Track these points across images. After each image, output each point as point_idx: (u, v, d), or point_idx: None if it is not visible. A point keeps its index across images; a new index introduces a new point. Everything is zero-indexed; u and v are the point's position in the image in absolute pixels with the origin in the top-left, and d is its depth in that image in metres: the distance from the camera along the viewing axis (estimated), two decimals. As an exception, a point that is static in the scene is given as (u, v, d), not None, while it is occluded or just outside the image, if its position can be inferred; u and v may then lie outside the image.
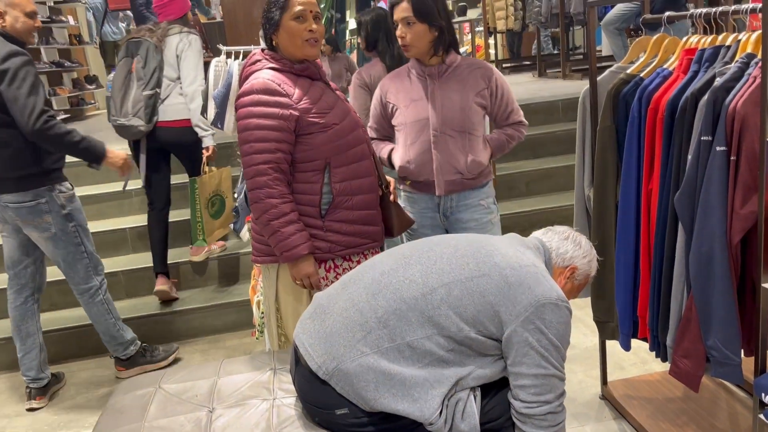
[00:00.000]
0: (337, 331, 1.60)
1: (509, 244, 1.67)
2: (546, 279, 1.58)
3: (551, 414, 1.55)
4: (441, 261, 1.61)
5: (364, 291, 1.63)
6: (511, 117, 2.42)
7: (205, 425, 1.73)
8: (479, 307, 1.54)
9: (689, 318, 1.88)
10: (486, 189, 2.44)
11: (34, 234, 2.81)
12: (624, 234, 2.13)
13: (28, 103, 2.58)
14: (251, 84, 2.03)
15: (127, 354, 3.13)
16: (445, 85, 2.33)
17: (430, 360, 1.55)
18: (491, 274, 1.56)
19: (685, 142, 1.86)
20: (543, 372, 1.54)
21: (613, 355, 2.88)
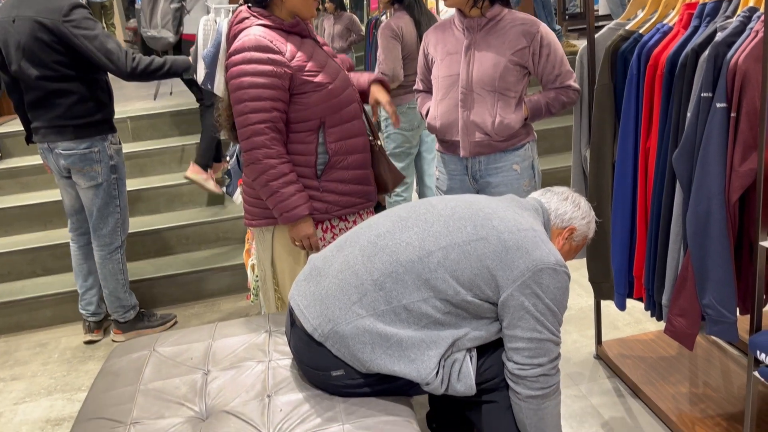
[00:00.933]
0: (332, 293, 1.59)
1: (507, 207, 1.65)
2: (544, 243, 1.57)
3: (544, 376, 1.56)
4: (438, 223, 1.59)
5: (359, 253, 1.61)
6: (558, 80, 2.22)
7: (200, 387, 1.73)
8: (476, 271, 1.53)
9: (685, 277, 1.87)
10: (521, 152, 2.26)
11: (81, 181, 2.92)
12: (621, 194, 2.11)
13: (113, 51, 2.73)
14: (242, 41, 1.96)
15: (126, 318, 3.16)
16: (482, 40, 2.18)
17: (427, 322, 1.54)
18: (489, 237, 1.55)
19: (684, 99, 1.83)
20: (537, 336, 1.54)
21: (607, 315, 2.90)
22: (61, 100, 2.80)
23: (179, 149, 4.22)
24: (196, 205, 4.01)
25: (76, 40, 2.70)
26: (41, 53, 2.72)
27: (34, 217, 3.83)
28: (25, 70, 2.77)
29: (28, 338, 3.34)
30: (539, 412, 1.59)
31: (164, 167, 4.21)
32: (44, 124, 2.84)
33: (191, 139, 4.29)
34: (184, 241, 3.79)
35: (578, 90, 2.27)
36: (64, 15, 2.68)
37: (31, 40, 2.71)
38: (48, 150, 2.89)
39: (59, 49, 2.72)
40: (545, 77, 2.24)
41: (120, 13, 8.81)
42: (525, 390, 1.57)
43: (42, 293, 3.43)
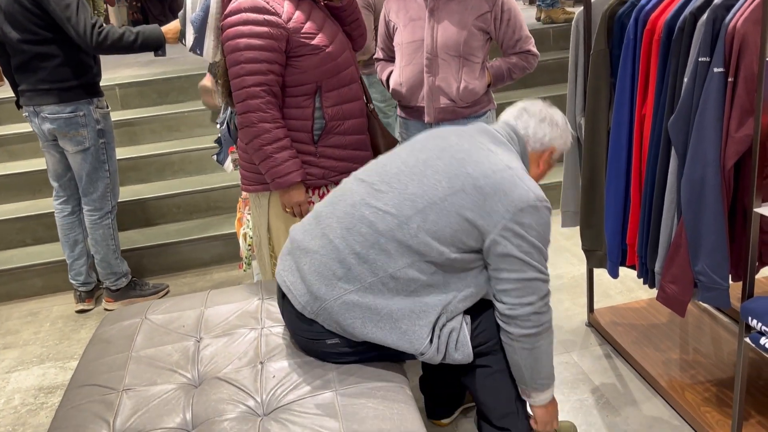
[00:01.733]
0: (316, 269, 1.56)
1: (480, 145, 1.60)
2: (522, 180, 1.53)
3: (535, 314, 1.55)
4: (412, 184, 1.54)
5: (338, 225, 1.57)
6: (518, 45, 2.28)
7: (192, 354, 1.73)
8: (456, 226, 1.50)
9: (679, 244, 1.87)
10: (482, 119, 2.32)
11: (68, 146, 2.89)
12: (615, 161, 2.10)
13: (79, 21, 2.67)
14: (238, 2, 1.92)
15: (118, 285, 3.15)
16: (445, 5, 2.20)
17: (416, 287, 1.53)
18: (465, 188, 1.51)
19: (681, 65, 1.80)
20: (524, 276, 1.52)
21: (600, 284, 2.91)
22: (44, 63, 2.76)
23: (169, 117, 4.16)
24: (187, 173, 3.97)
25: (48, 6, 2.67)
26: (20, 16, 2.70)
27: (22, 186, 3.79)
28: (7, 34, 2.74)
29: (19, 307, 3.32)
30: (533, 351, 1.59)
31: (154, 135, 4.15)
32: (29, 87, 2.81)
33: (181, 107, 4.24)
34: (175, 210, 3.76)
35: (537, 55, 2.34)
36: None
37: (11, 3, 2.69)
38: (34, 113, 2.86)
39: (37, 12, 2.69)
40: (506, 42, 2.28)
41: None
42: (517, 329, 1.56)
43: (32, 262, 3.40)
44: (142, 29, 2.83)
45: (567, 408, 2.18)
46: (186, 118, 4.17)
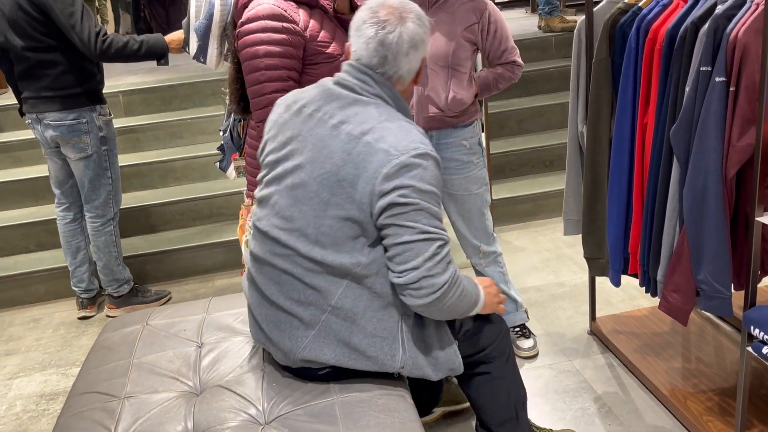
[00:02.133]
0: (274, 325, 1.56)
1: (340, 126, 1.46)
2: (378, 141, 1.40)
3: (425, 278, 1.41)
4: (297, 217, 1.48)
5: (268, 282, 1.55)
6: (504, 56, 2.31)
7: (194, 361, 1.73)
8: (349, 232, 1.44)
9: (681, 253, 1.87)
10: (470, 129, 2.35)
11: (71, 153, 2.90)
12: (617, 170, 2.10)
13: (84, 29, 2.69)
14: (256, 11, 1.94)
15: (120, 292, 3.15)
16: (433, 16, 2.22)
17: (365, 305, 1.49)
18: (333, 191, 1.43)
19: (683, 73, 1.81)
20: (400, 240, 1.41)
21: (602, 292, 2.90)
22: (47, 71, 2.78)
23: (172, 124, 4.17)
24: (190, 180, 3.98)
25: (52, 13, 2.69)
26: (25, 24, 2.71)
27: (27, 192, 3.80)
28: (11, 41, 2.75)
29: (21, 313, 3.33)
30: (443, 310, 1.49)
31: (157, 142, 4.17)
32: (32, 95, 2.83)
33: (184, 114, 4.25)
34: (178, 216, 3.77)
35: (522, 65, 2.37)
36: None
37: (15, 11, 2.70)
38: (36, 120, 2.87)
39: (41, 19, 2.71)
40: (492, 53, 2.31)
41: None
42: (413, 299, 1.45)
43: (35, 269, 3.41)
44: (146, 38, 2.85)
45: (569, 417, 2.18)
46: (189, 125, 4.19)
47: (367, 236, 1.46)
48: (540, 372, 2.43)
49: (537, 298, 2.98)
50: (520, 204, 3.83)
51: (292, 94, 1.61)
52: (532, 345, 2.53)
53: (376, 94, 1.50)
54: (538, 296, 3.00)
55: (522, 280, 3.15)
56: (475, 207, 2.40)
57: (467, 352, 1.67)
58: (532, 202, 3.87)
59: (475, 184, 2.38)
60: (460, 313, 1.56)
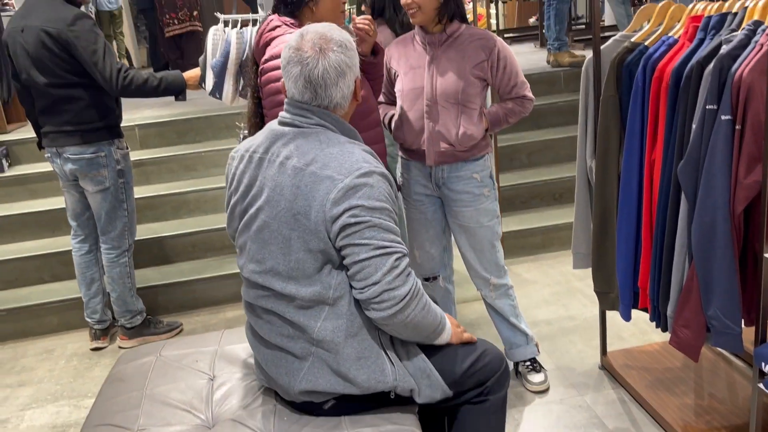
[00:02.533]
0: (272, 362, 1.61)
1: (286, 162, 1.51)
2: (323, 170, 1.46)
3: (386, 292, 1.44)
4: (268, 259, 1.54)
5: (262, 324, 1.62)
6: (514, 91, 2.34)
7: (206, 394, 1.74)
8: (314, 263, 1.49)
9: (690, 288, 1.87)
10: (480, 162, 2.38)
11: (89, 186, 2.96)
12: (626, 205, 2.12)
13: (106, 66, 2.77)
14: (280, 48, 2.04)
15: (133, 323, 3.18)
16: (443, 54, 2.29)
17: (344, 333, 1.53)
18: (292, 226, 1.48)
19: (689, 111, 1.84)
20: (358, 258, 1.45)
21: (612, 326, 2.89)
22: (69, 106, 2.85)
23: (186, 157, 4.24)
24: (202, 212, 4.03)
25: (76, 50, 2.77)
26: (48, 61, 2.79)
27: (42, 224, 3.86)
28: (34, 78, 2.82)
29: (34, 344, 3.36)
30: (408, 324, 1.50)
31: (171, 175, 4.23)
32: (53, 129, 2.89)
33: (198, 147, 4.32)
34: (190, 248, 3.81)
35: (532, 99, 2.40)
36: (69, 24, 2.74)
37: (39, 49, 2.77)
38: (56, 154, 2.93)
39: (65, 56, 2.78)
40: (502, 88, 2.35)
41: (129, 22, 8.87)
42: (377, 313, 1.47)
43: (49, 300, 3.44)
44: (165, 75, 2.93)
45: (580, 453, 2.16)
46: (203, 158, 4.26)
47: (332, 261, 1.51)
48: (551, 407, 2.42)
49: (547, 332, 2.97)
50: (530, 237, 3.84)
51: (244, 144, 1.66)
52: (543, 379, 2.52)
53: (317, 124, 1.55)
54: (548, 330, 2.99)
55: (532, 314, 3.14)
56: (485, 239, 2.42)
57: (468, 385, 1.68)
58: (542, 234, 3.89)
59: (486, 216, 2.40)
60: (428, 330, 1.57)
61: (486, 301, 2.53)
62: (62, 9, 2.78)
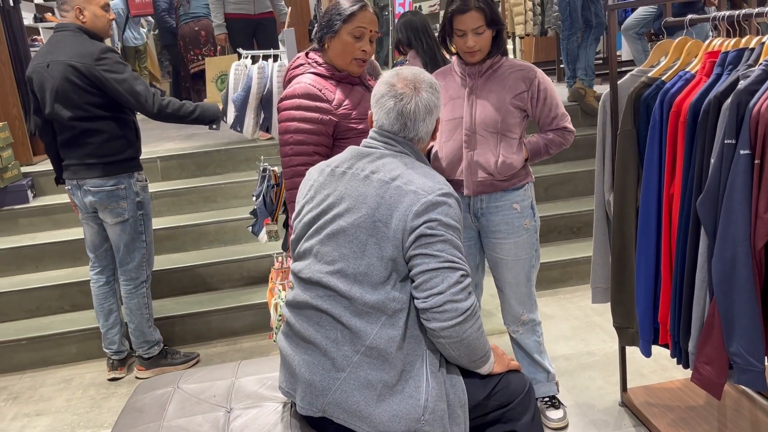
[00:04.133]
0: (308, 367, 1.62)
1: (372, 176, 1.62)
2: (407, 185, 1.57)
3: (449, 303, 1.52)
4: (345, 260, 1.60)
5: (310, 326, 1.64)
6: (554, 122, 2.34)
7: (222, 425, 1.74)
8: (384, 271, 1.56)
9: (712, 324, 1.85)
10: (521, 192, 2.35)
11: (108, 218, 3.00)
12: (645, 239, 2.11)
13: (140, 93, 2.85)
14: (294, 88, 2.12)
15: (150, 354, 3.19)
16: (484, 85, 2.29)
17: (397, 345, 1.56)
18: (370, 232, 1.57)
19: (708, 146, 1.84)
20: (428, 267, 1.53)
21: (633, 361, 2.85)
22: (91, 139, 2.91)
23: (206, 189, 4.30)
24: (222, 243, 4.07)
25: (107, 83, 2.83)
26: (74, 95, 2.85)
27: (65, 254, 3.91)
28: (58, 112, 2.88)
29: (53, 374, 3.38)
30: (463, 342, 1.56)
31: (191, 206, 4.29)
32: (75, 162, 2.95)
33: (218, 179, 4.38)
34: (209, 279, 3.84)
35: (573, 131, 2.39)
36: (96, 59, 2.82)
37: (65, 83, 2.84)
38: (77, 186, 2.99)
39: (92, 90, 2.85)
40: (542, 119, 2.34)
41: (153, 57, 9.08)
42: (437, 323, 1.54)
43: (68, 329, 3.47)
44: (201, 103, 3.02)
45: (601, 492, 2.11)
46: (223, 190, 4.31)
47: (399, 273, 1.58)
48: (570, 444, 2.38)
49: (566, 367, 2.93)
50: (548, 270, 3.82)
51: (324, 162, 1.77)
52: (562, 416, 2.48)
53: (400, 151, 1.69)
54: (567, 365, 2.95)
55: (551, 349, 3.11)
56: (523, 272, 2.39)
57: (492, 405, 1.68)
58: (560, 268, 3.86)
59: (525, 250, 2.36)
60: (478, 353, 1.62)
61: (512, 336, 2.50)
62: (88, 44, 2.85)
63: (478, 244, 2.46)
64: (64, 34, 2.89)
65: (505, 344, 3.00)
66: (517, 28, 8.18)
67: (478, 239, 2.45)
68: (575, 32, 4.91)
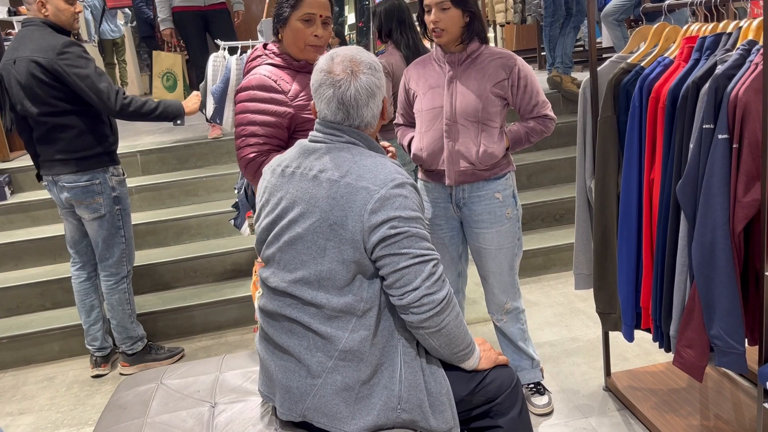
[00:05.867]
0: (283, 374, 1.60)
1: (320, 175, 1.56)
2: (358, 180, 1.51)
3: (425, 296, 1.51)
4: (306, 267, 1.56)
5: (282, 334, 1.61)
6: (535, 110, 2.32)
7: (207, 420, 1.73)
8: (346, 273, 1.52)
9: (692, 308, 1.87)
10: (503, 181, 2.34)
11: (84, 213, 2.97)
12: (626, 225, 2.12)
13: (102, 89, 2.78)
14: (249, 80, 2.08)
15: (134, 349, 3.17)
16: (463, 73, 2.28)
17: (370, 342, 1.54)
18: (328, 237, 1.52)
19: (686, 131, 1.85)
20: (396, 267, 1.50)
21: (616, 346, 2.88)
22: (63, 135, 2.86)
23: (187, 182, 4.26)
24: (204, 237, 4.04)
25: (68, 78, 2.77)
26: (39, 90, 2.79)
27: (44, 251, 3.87)
28: (27, 108, 2.83)
29: (35, 372, 3.34)
30: (441, 330, 1.55)
31: (173, 200, 4.25)
32: (48, 158, 2.91)
33: (199, 173, 4.35)
34: (192, 273, 3.81)
35: (554, 119, 2.38)
36: (58, 53, 2.76)
37: (29, 79, 2.78)
38: (52, 182, 2.95)
39: (56, 85, 2.79)
40: (523, 107, 2.33)
41: (131, 50, 8.97)
42: (415, 317, 1.52)
43: (50, 327, 3.44)
44: (164, 100, 2.96)
45: (586, 476, 2.13)
46: (204, 183, 4.27)
47: (364, 272, 1.55)
48: (555, 430, 2.39)
49: (551, 354, 2.95)
50: (531, 258, 3.84)
51: (275, 159, 1.71)
52: (547, 402, 2.50)
53: (348, 141, 1.61)
54: (551, 351, 2.98)
55: (535, 335, 3.13)
56: (506, 261, 2.39)
57: (478, 401, 1.67)
58: (543, 255, 3.88)
59: (508, 239, 2.36)
60: (459, 344, 1.61)
61: (496, 325, 2.51)
62: (51, 38, 2.79)
63: (461, 233, 2.46)
64: (30, 28, 2.83)
65: (490, 332, 3.01)
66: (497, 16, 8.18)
67: (461, 229, 2.45)
68: (558, 19, 4.91)
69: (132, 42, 9.04)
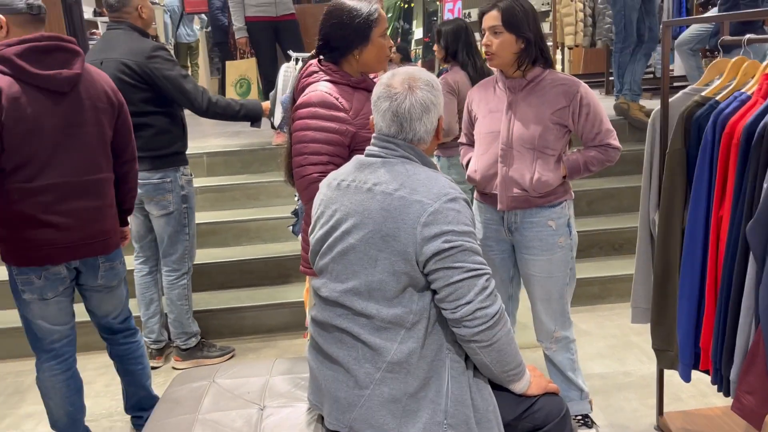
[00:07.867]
0: (332, 384, 1.63)
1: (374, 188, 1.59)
2: (411, 194, 1.54)
3: (479, 310, 1.53)
4: (357, 278, 1.59)
5: (332, 343, 1.64)
6: (597, 138, 2.28)
7: (255, 422, 1.77)
8: (396, 285, 1.55)
9: (756, 353, 1.80)
10: (557, 209, 2.30)
11: (154, 210, 3.09)
12: (690, 261, 2.07)
13: (189, 90, 2.94)
14: (308, 96, 2.05)
15: (188, 345, 3.27)
16: (523, 99, 2.26)
17: (418, 355, 1.56)
18: (380, 248, 1.55)
19: (761, 170, 1.79)
20: (450, 281, 1.53)
21: (670, 385, 2.79)
22: (141, 133, 2.95)
23: (250, 186, 4.37)
24: (262, 241, 4.13)
25: (158, 80, 2.91)
26: (126, 92, 2.88)
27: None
28: None
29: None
30: (493, 346, 1.57)
31: (234, 203, 4.36)
32: None
33: (262, 177, 4.45)
34: (248, 275, 3.89)
35: (618, 148, 2.32)
36: (148, 57, 2.90)
37: (117, 80, 2.87)
38: None
39: (143, 87, 2.93)
40: (585, 135, 2.30)
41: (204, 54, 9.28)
42: (468, 330, 1.54)
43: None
44: (246, 102, 3.10)
45: None
46: (266, 188, 4.37)
47: (415, 285, 1.57)
48: (602, 465, 2.34)
49: (601, 386, 2.89)
50: (587, 286, 3.77)
51: (332, 174, 1.76)
52: (594, 435, 2.45)
53: (402, 156, 1.64)
54: (602, 384, 2.91)
55: (586, 366, 3.06)
56: (555, 290, 2.35)
57: (524, 427, 1.67)
58: (600, 285, 3.81)
59: (559, 267, 2.32)
60: (509, 362, 1.61)
61: (545, 353, 2.47)
62: (140, 42, 2.94)
63: (512, 257, 2.44)
64: (116, 32, 2.97)
65: (540, 359, 2.96)
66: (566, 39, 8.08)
67: (512, 252, 2.43)
68: (628, 45, 4.83)
69: (205, 46, 9.36)
